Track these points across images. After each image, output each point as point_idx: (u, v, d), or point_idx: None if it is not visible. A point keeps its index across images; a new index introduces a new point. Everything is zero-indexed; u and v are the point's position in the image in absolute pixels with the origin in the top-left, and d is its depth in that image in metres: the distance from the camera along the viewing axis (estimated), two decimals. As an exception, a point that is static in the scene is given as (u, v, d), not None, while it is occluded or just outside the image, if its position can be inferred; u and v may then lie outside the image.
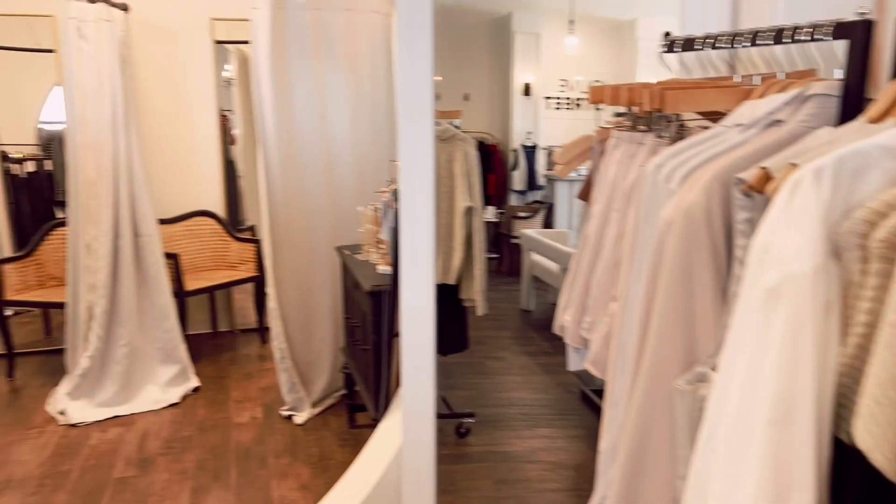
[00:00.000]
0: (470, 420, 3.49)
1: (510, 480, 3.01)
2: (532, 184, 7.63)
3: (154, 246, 3.87)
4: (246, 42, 3.88)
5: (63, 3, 3.62)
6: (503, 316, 5.60)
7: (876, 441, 0.72)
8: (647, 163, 1.24)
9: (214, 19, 4.56)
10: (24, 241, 4.50)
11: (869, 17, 1.15)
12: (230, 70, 4.98)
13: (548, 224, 7.11)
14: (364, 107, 3.72)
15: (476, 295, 3.37)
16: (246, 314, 5.01)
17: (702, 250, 1.04)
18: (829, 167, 0.85)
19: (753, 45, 1.32)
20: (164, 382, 3.84)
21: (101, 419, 3.56)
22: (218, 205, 4.81)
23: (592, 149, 1.70)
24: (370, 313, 2.93)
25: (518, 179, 7.61)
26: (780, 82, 1.26)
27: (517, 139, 7.60)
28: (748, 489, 0.83)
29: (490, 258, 6.44)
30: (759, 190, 0.99)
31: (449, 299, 3.31)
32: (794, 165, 0.90)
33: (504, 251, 7.21)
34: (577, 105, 7.85)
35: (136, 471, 3.07)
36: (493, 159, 7.55)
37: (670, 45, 1.48)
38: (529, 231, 5.85)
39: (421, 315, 2.30)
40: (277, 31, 3.44)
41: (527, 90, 7.48)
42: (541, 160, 7.62)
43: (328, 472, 3.06)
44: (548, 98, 7.70)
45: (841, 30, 1.18)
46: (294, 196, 3.60)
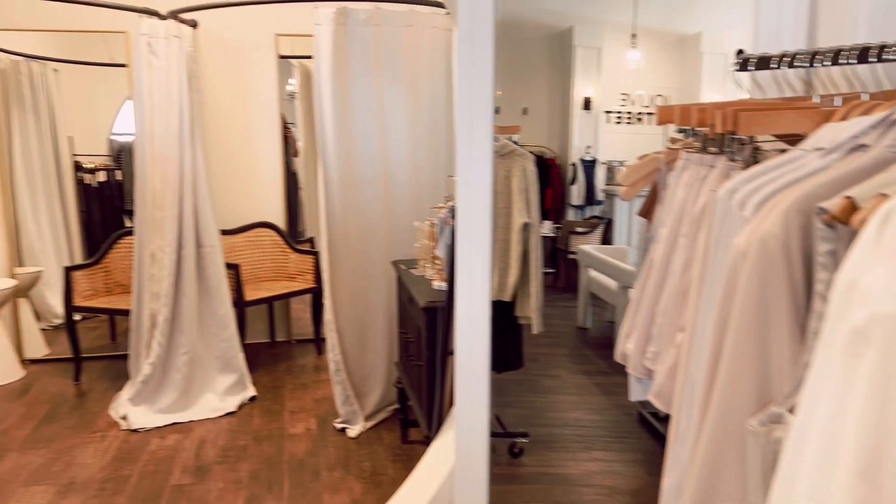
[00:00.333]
0: (524, 440, 3.43)
1: (564, 504, 2.94)
2: (590, 199, 7.53)
3: (216, 256, 3.95)
4: (309, 57, 3.94)
5: (135, 20, 3.75)
6: (559, 333, 5.51)
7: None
8: (719, 187, 1.18)
9: (279, 35, 4.65)
10: (95, 249, 4.66)
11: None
12: (293, 84, 5.07)
13: (606, 240, 6.99)
14: (422, 122, 3.73)
15: (532, 312, 3.31)
16: (303, 324, 5.07)
17: (778, 283, 0.98)
18: (923, 199, 0.78)
19: (835, 64, 1.25)
20: (222, 391, 3.90)
21: (160, 425, 3.63)
22: (279, 217, 4.89)
23: (659, 170, 1.64)
24: (425, 329, 2.92)
25: (576, 194, 7.52)
26: (865, 104, 1.18)
27: (576, 153, 7.52)
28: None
29: (546, 273, 6.35)
30: (844, 221, 0.92)
31: (504, 316, 3.26)
32: (884, 196, 0.84)
33: (561, 266, 7.12)
34: (639, 119, 7.73)
35: (192, 478, 3.12)
36: (550, 173, 7.49)
37: (744, 63, 1.42)
38: (587, 247, 5.75)
39: (476, 333, 2.27)
40: (339, 47, 3.47)
41: (587, 104, 7.40)
42: (600, 175, 7.51)
43: (380, 487, 3.04)
44: (608, 112, 7.59)
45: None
46: (351, 210, 3.62)
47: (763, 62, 1.36)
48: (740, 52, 1.45)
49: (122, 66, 4.53)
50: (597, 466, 3.27)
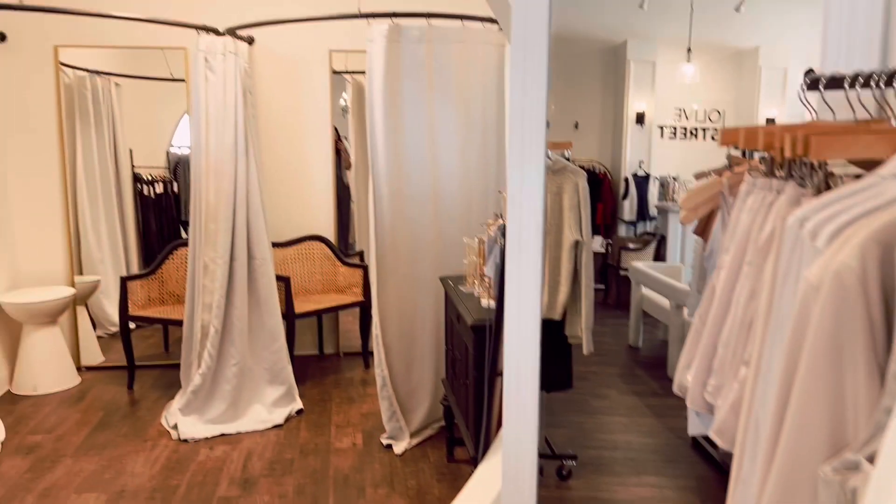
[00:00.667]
0: (572, 462, 3.35)
1: (614, 532, 2.86)
2: (643, 214, 7.39)
3: (267, 269, 3.99)
4: (362, 72, 3.97)
5: (194, 36, 3.83)
6: (609, 351, 5.40)
7: None
8: (788, 215, 1.12)
9: (333, 51, 4.70)
10: (151, 259, 4.77)
11: None
12: (346, 99, 5.12)
13: (659, 257, 6.85)
14: (473, 137, 3.71)
15: (582, 332, 3.24)
16: (351, 337, 5.08)
17: (854, 320, 0.92)
18: None
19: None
20: (270, 403, 3.93)
21: (209, 436, 3.67)
22: (329, 230, 4.92)
23: (722, 194, 1.57)
24: (472, 348, 2.88)
25: (628, 209, 7.39)
26: (947, 127, 1.11)
27: (628, 168, 7.40)
28: None
29: (596, 290, 6.25)
30: (929, 255, 0.86)
31: (553, 335, 3.20)
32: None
33: (611, 283, 6.99)
34: (693, 134, 7.57)
35: (238, 490, 3.13)
36: (602, 188, 7.38)
37: (813, 82, 1.35)
38: (639, 264, 5.63)
39: (525, 354, 2.22)
40: (391, 63, 3.48)
41: (640, 119, 7.28)
42: (653, 190, 7.37)
43: (425, 507, 3.01)
44: (662, 127, 7.46)
45: None
46: (401, 224, 3.62)
47: (835, 82, 1.29)
48: (809, 71, 1.38)
49: (181, 80, 4.64)
50: (648, 492, 3.17)
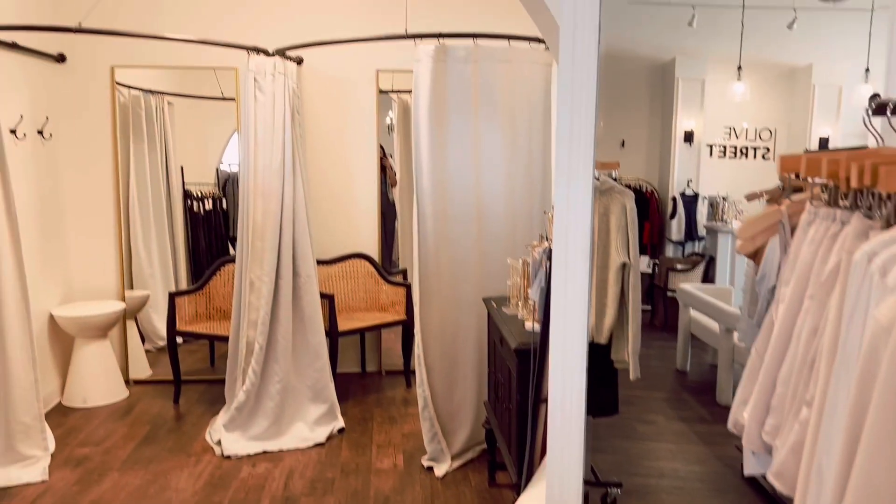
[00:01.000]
0: (617, 490, 3.26)
1: (661, 566, 2.76)
2: (691, 234, 7.23)
3: (312, 286, 4.01)
4: (408, 91, 3.99)
5: (244, 57, 3.90)
6: (655, 375, 5.27)
7: None
8: (855, 248, 1.06)
9: (380, 70, 4.74)
10: (199, 274, 4.85)
11: None
12: (392, 117, 5.15)
13: (708, 278, 6.68)
14: (519, 156, 3.68)
15: (629, 357, 3.16)
16: (393, 356, 5.07)
17: (930, 366, 0.86)
18: None
19: None
20: (313, 421, 3.93)
21: (252, 453, 3.69)
22: (373, 247, 4.94)
23: (781, 223, 1.51)
24: (516, 371, 2.83)
25: (676, 229, 7.25)
26: None
27: (676, 187, 7.26)
28: None
29: (642, 311, 6.13)
30: None
31: (599, 360, 3.13)
32: None
33: (658, 305, 6.85)
34: (743, 153, 7.40)
35: (280, 509, 3.14)
36: (649, 207, 7.26)
37: (880, 107, 1.29)
38: (687, 285, 5.51)
39: (571, 381, 2.17)
40: (437, 83, 3.49)
41: (688, 137, 7.15)
42: (701, 210, 7.22)
43: (466, 533, 2.96)
44: (711, 145, 7.31)
45: None
46: (444, 243, 3.60)
47: (903, 107, 1.23)
48: (875, 96, 1.32)
49: (232, 100, 4.73)
50: (696, 525, 3.07)
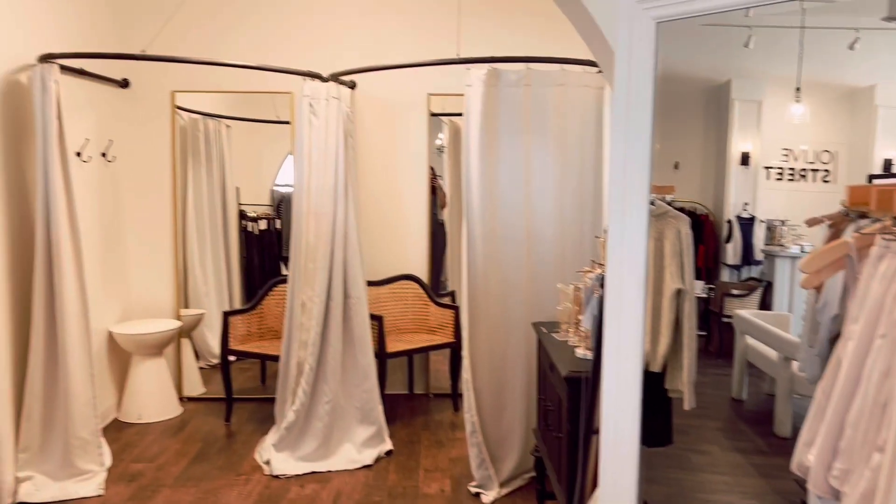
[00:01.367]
0: (670, 524, 3.16)
1: None
2: (748, 258, 7.03)
3: (362, 308, 4.03)
4: (459, 114, 4.00)
5: (299, 82, 3.98)
6: (710, 403, 5.11)
7: None
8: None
9: (431, 94, 4.78)
10: (252, 293, 4.93)
11: None
12: (442, 138, 5.18)
13: (765, 304, 6.48)
14: (570, 180, 3.65)
15: (684, 386, 3.08)
16: (441, 378, 5.05)
17: None
18: None
19: None
20: (361, 443, 3.93)
21: (300, 473, 3.71)
22: (423, 269, 4.95)
23: (849, 257, 1.45)
24: (566, 400, 2.78)
25: (732, 253, 7.06)
26: None
27: (732, 210, 7.09)
28: None
29: (697, 336, 5.96)
30: None
31: (652, 388, 3.06)
32: None
33: (714, 330, 6.66)
34: (802, 176, 7.19)
35: (327, 532, 3.13)
36: (703, 230, 7.10)
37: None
38: (744, 312, 5.35)
39: (625, 411, 2.12)
40: (489, 107, 3.49)
41: (745, 159, 6.99)
42: (758, 234, 7.03)
43: (513, 563, 2.91)
44: (768, 168, 7.13)
45: None
46: (493, 267, 3.58)
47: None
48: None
49: (286, 123, 4.83)
50: (754, 564, 2.95)
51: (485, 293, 3.58)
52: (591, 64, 3.54)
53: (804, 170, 7.32)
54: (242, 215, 5.29)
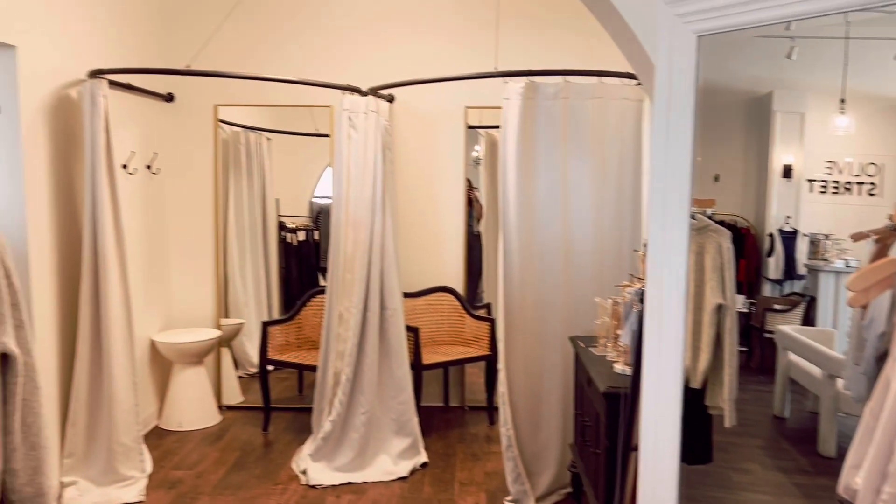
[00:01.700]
0: (710, 544, 3.10)
1: None
2: (790, 273, 6.89)
3: (398, 319, 4.05)
4: (496, 127, 4.01)
5: (339, 96, 4.03)
6: (752, 421, 5.00)
7: None
8: None
9: (468, 107, 4.80)
10: (290, 303, 4.99)
11: None
12: (479, 150, 5.20)
13: (808, 320, 6.34)
14: (608, 193, 3.63)
15: (724, 403, 3.03)
16: (476, 390, 5.04)
17: None
18: None
19: None
20: (396, 454, 3.94)
21: (336, 483, 3.72)
22: (458, 281, 4.95)
23: (898, 275, 1.42)
24: (604, 415, 2.75)
25: (773, 267, 6.93)
26: None
27: (773, 223, 6.96)
28: None
29: (738, 352, 5.84)
30: None
31: (692, 404, 3.01)
32: None
33: (755, 346, 6.53)
34: (847, 189, 7.03)
35: (363, 543, 3.14)
36: (744, 244, 6.99)
37: None
38: (786, 327, 5.24)
39: (664, 428, 2.09)
40: (526, 120, 3.49)
41: (787, 172, 6.87)
42: (801, 248, 6.88)
43: (549, 579, 2.87)
44: (812, 181, 6.99)
45: None
46: (530, 281, 3.57)
47: None
48: None
49: (325, 136, 4.89)
50: (798, 587, 2.87)
51: (521, 306, 3.57)
52: (630, 76, 3.52)
53: (849, 183, 7.16)
54: (282, 226, 5.37)
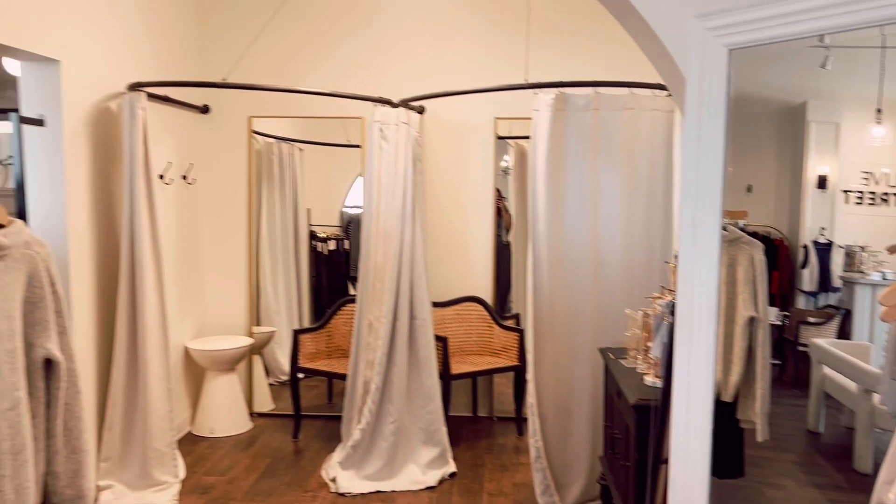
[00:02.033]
0: (742, 560, 3.06)
1: None
2: (825, 285, 6.76)
3: (427, 329, 4.08)
4: (525, 137, 4.02)
5: (370, 108, 4.08)
6: (785, 435, 4.92)
7: None
8: None
9: (497, 118, 4.83)
10: (321, 312, 5.05)
11: None
12: (508, 161, 5.21)
13: (843, 333, 6.22)
14: (638, 204, 3.61)
15: (756, 417, 3.00)
16: (504, 400, 5.03)
17: None
18: None
19: None
20: (425, 464, 3.96)
21: (365, 492, 3.75)
22: (487, 291, 4.96)
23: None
24: (634, 428, 2.74)
25: (808, 279, 6.81)
26: None
27: (808, 235, 6.85)
28: None
29: (771, 365, 5.75)
30: None
31: (723, 418, 2.98)
32: None
33: (788, 359, 6.42)
34: (884, 200, 6.89)
35: (391, 552, 3.15)
36: (778, 256, 6.88)
37: None
38: (821, 341, 5.15)
39: (695, 443, 2.08)
40: (556, 131, 3.50)
41: (822, 183, 6.76)
42: (836, 259, 6.76)
43: (578, 592, 2.86)
44: (847, 192, 6.87)
45: None
46: (559, 291, 3.57)
47: None
48: None
49: (357, 146, 4.95)
50: None
51: (550, 317, 3.57)
52: (661, 87, 3.51)
53: (885, 194, 7.02)
54: (313, 236, 5.43)
